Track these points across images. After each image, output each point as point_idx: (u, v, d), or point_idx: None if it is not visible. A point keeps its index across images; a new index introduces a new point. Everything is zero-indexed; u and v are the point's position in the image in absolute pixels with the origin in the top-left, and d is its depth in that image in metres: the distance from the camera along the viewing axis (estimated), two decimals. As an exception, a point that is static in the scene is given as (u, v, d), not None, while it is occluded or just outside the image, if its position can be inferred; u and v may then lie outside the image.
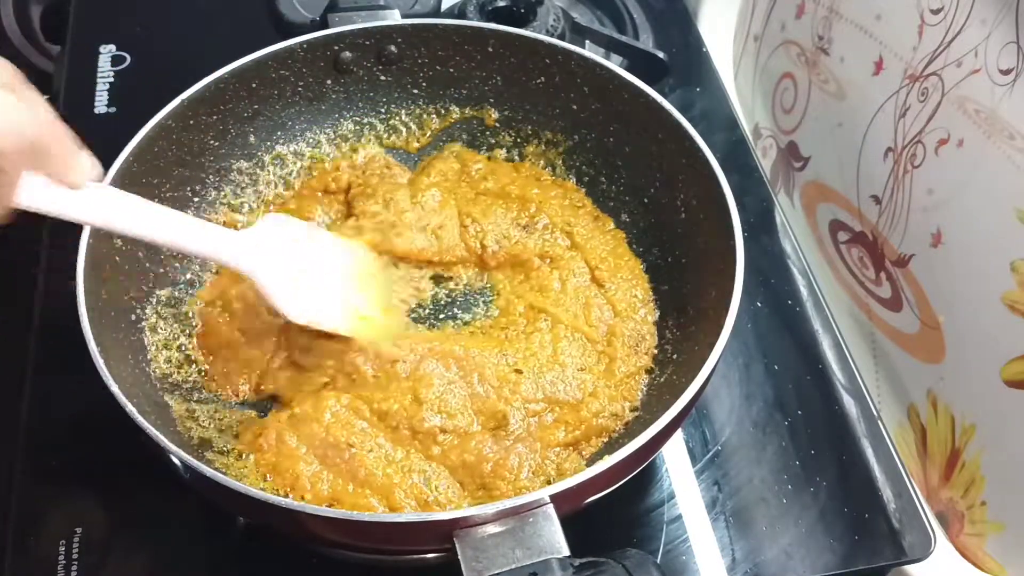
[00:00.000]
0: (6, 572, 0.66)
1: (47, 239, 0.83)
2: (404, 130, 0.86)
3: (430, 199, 0.80)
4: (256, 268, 0.65)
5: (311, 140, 0.84)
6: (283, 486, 0.64)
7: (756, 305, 0.84)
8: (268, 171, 0.82)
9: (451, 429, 0.66)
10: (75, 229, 0.64)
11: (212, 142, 0.76)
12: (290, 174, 0.83)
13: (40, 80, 1.08)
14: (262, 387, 0.70)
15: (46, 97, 1.09)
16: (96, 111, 0.94)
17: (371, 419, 0.67)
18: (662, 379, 0.71)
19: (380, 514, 0.52)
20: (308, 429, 0.65)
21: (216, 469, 0.55)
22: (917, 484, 0.78)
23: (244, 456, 0.66)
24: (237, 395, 0.70)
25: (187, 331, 0.73)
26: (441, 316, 0.77)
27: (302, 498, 0.63)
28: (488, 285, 0.78)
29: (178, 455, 0.54)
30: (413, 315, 0.77)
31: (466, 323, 0.76)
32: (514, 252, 0.78)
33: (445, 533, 0.52)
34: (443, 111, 0.86)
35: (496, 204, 0.81)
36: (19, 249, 0.87)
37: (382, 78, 0.84)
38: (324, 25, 0.81)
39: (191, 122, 0.73)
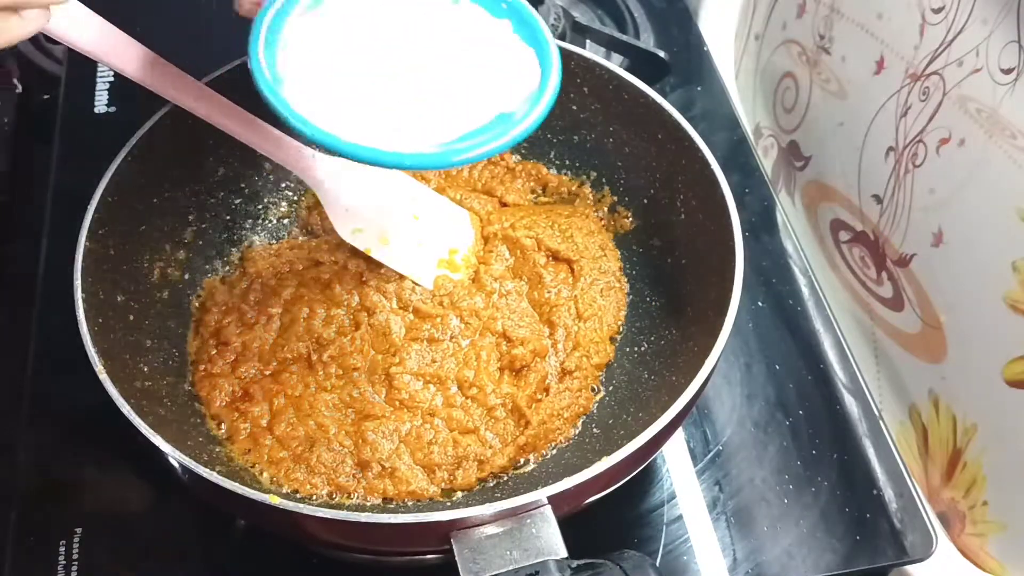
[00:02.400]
0: (6, 572, 0.66)
1: (47, 239, 0.83)
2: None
3: None
4: (324, 183, 0.72)
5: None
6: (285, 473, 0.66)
7: (757, 305, 0.83)
8: (267, 170, 0.82)
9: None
10: (74, 229, 0.64)
11: (211, 142, 0.76)
12: (288, 173, 0.83)
13: (41, 80, 1.09)
14: (251, 390, 0.71)
15: (46, 97, 1.10)
16: (96, 111, 0.94)
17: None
18: (661, 379, 0.70)
19: (377, 515, 0.52)
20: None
21: (214, 470, 0.55)
22: (919, 484, 0.78)
23: (244, 454, 0.67)
24: (228, 396, 0.70)
25: (185, 332, 0.73)
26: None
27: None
28: None
29: (176, 456, 0.54)
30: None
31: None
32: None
33: (442, 534, 0.52)
34: (443, 111, 0.86)
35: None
36: (19, 249, 0.87)
37: (382, 78, 0.84)
38: (324, 25, 0.81)
39: (190, 122, 0.73)
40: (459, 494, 0.67)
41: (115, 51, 0.61)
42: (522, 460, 0.69)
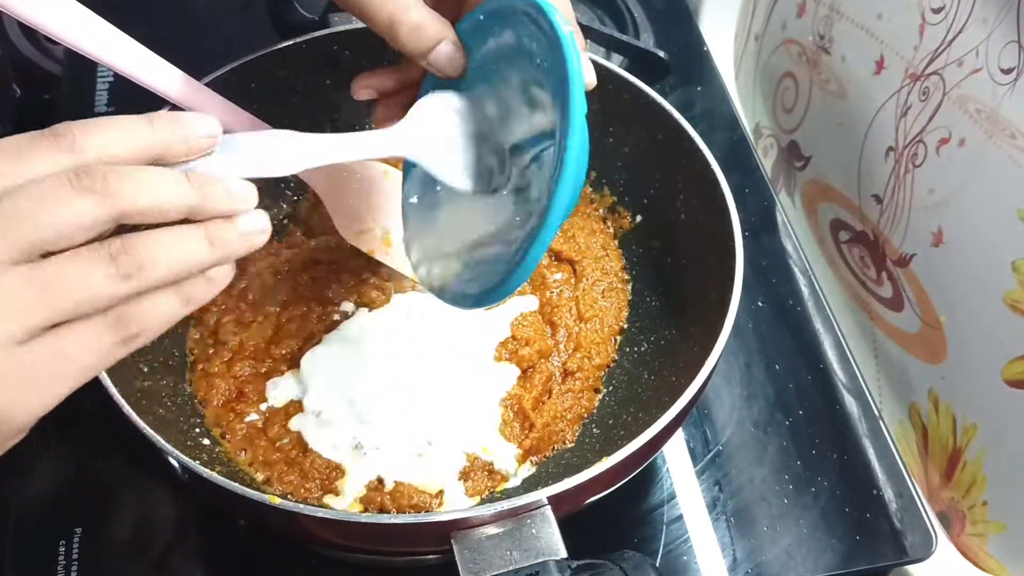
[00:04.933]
0: (6, 572, 0.66)
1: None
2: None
3: None
4: (328, 186, 0.68)
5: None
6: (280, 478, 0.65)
7: (757, 304, 0.83)
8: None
9: None
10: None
11: (211, 142, 0.76)
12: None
13: (41, 80, 1.09)
14: (245, 390, 0.71)
15: (46, 97, 1.09)
16: (96, 111, 0.94)
17: None
18: (661, 379, 0.70)
19: (377, 515, 0.52)
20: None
21: (214, 470, 0.55)
22: (918, 484, 0.78)
23: (240, 455, 0.67)
24: (225, 396, 0.70)
25: (185, 332, 0.73)
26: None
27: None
28: None
29: (175, 456, 0.54)
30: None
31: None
32: None
33: (442, 534, 0.52)
34: (443, 111, 0.86)
35: None
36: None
37: (382, 78, 0.83)
38: (324, 25, 0.81)
39: (190, 122, 0.73)
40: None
41: (111, 48, 0.60)
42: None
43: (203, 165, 0.45)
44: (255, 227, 0.45)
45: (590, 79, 0.54)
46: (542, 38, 0.51)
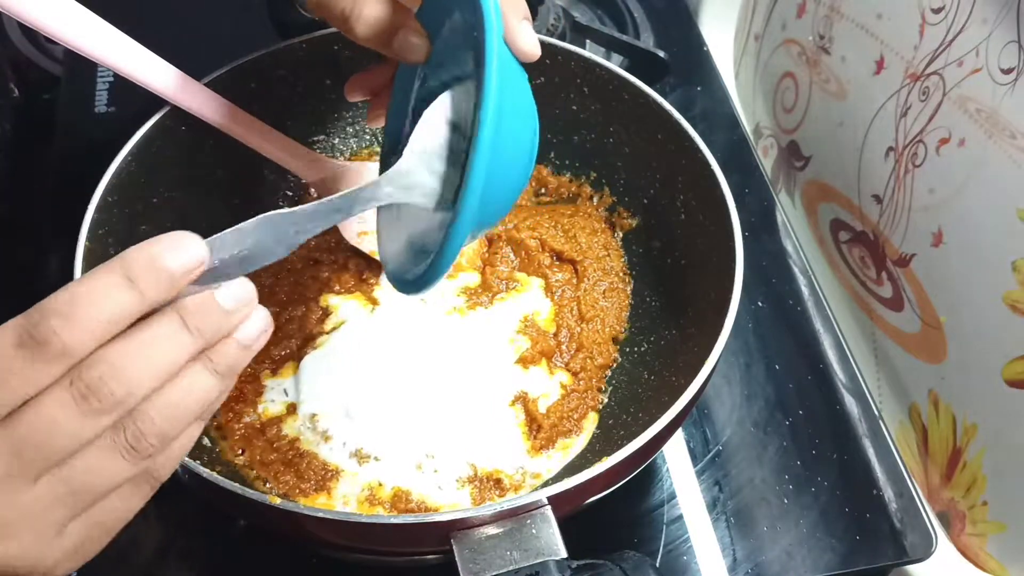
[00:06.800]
0: (6, 572, 0.66)
1: (47, 239, 0.83)
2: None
3: None
4: (332, 190, 0.68)
5: (309, 141, 0.84)
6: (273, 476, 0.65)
7: (757, 305, 0.83)
8: (266, 171, 0.82)
9: None
10: (74, 229, 0.64)
11: (211, 143, 0.76)
12: (287, 174, 0.83)
13: (41, 80, 1.09)
14: (244, 390, 0.71)
15: (46, 97, 1.09)
16: (96, 111, 0.94)
17: None
18: (661, 379, 0.70)
19: (377, 515, 0.52)
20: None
21: (214, 470, 0.55)
22: (918, 484, 0.78)
23: (238, 455, 0.67)
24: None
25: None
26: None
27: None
28: None
29: (176, 456, 0.54)
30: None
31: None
32: None
33: (442, 535, 0.52)
34: (443, 111, 0.86)
35: None
36: (19, 250, 0.87)
37: (382, 78, 0.83)
38: (324, 25, 0.81)
39: (190, 122, 0.73)
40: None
41: (111, 48, 0.61)
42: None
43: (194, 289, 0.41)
44: (255, 332, 0.43)
45: (528, 49, 0.53)
46: (472, 10, 0.49)
